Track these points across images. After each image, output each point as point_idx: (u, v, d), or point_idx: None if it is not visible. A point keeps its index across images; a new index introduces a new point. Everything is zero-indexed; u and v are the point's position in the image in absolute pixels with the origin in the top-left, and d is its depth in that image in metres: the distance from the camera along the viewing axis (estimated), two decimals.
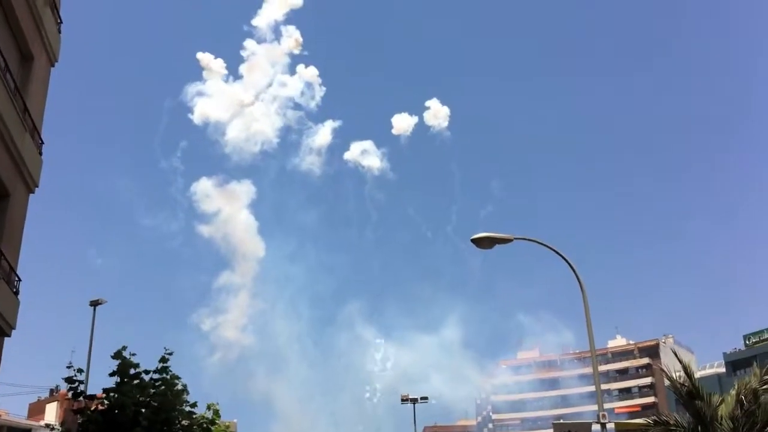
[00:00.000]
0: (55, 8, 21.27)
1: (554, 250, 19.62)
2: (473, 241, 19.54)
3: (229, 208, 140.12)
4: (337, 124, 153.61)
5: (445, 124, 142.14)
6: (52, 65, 21.57)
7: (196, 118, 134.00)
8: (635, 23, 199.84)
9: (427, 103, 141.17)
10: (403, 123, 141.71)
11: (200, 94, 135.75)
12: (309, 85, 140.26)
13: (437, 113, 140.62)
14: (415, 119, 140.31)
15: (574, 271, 19.37)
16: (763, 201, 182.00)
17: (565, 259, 19.45)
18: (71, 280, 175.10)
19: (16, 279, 18.62)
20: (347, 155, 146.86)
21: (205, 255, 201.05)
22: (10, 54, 18.21)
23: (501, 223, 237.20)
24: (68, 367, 22.99)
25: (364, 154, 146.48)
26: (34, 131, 19.72)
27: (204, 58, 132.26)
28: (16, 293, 18.35)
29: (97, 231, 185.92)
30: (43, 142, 20.53)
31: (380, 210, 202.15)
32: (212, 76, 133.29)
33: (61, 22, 21.95)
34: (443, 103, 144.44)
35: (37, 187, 20.31)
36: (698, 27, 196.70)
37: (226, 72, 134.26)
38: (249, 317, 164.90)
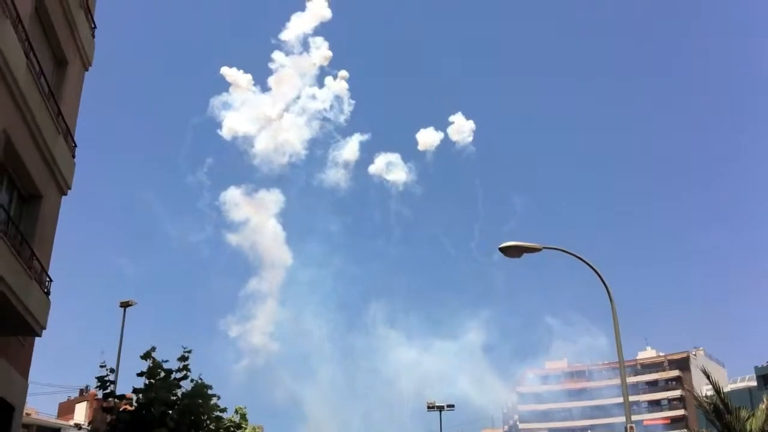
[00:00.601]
0: (89, 12, 21.53)
1: (582, 260, 19.47)
2: (501, 249, 19.42)
3: (257, 217, 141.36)
4: (364, 137, 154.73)
5: (470, 139, 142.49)
6: (86, 69, 21.84)
7: (225, 132, 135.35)
8: (657, 42, 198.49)
9: (452, 118, 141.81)
10: (428, 138, 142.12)
11: (227, 107, 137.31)
12: (338, 97, 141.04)
13: (461, 128, 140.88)
14: (440, 134, 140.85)
15: (602, 280, 19.20)
16: None
17: (593, 269, 19.28)
18: (101, 283, 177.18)
19: (48, 279, 18.83)
20: (373, 169, 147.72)
21: (233, 263, 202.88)
22: (44, 58, 18.48)
23: (525, 238, 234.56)
24: (101, 366, 23.32)
25: (390, 168, 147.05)
26: (68, 134, 19.96)
27: (229, 73, 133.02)
28: (48, 294, 18.55)
29: (125, 238, 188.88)
30: (75, 145, 20.78)
31: (405, 225, 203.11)
32: (239, 90, 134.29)
33: (95, 27, 22.21)
34: (468, 117, 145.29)
35: (70, 189, 20.55)
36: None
37: (253, 85, 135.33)
38: (276, 324, 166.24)
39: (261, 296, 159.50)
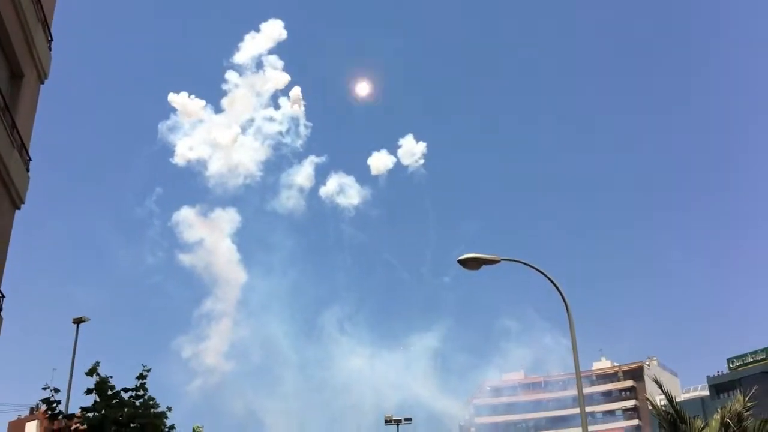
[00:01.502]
0: (46, 25, 21.27)
1: (540, 271, 19.68)
2: (460, 261, 19.50)
3: (211, 237, 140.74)
4: (319, 159, 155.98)
5: (422, 161, 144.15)
6: (42, 82, 21.55)
7: (178, 159, 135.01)
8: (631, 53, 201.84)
9: (401, 141, 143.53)
10: (380, 162, 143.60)
11: (177, 132, 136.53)
12: (293, 119, 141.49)
13: (412, 150, 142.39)
14: (392, 158, 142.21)
15: (559, 291, 19.41)
16: (743, 228, 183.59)
17: (550, 280, 19.49)
18: (53, 303, 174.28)
19: (0, 296, 18.50)
20: (326, 191, 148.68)
21: (187, 284, 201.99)
22: None
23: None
24: (44, 389, 22.75)
25: (343, 192, 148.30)
26: (22, 148, 19.67)
27: (177, 99, 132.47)
28: (0, 310, 18.23)
29: (73, 264, 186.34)
30: (30, 159, 20.48)
31: (358, 248, 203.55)
32: (188, 116, 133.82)
33: (52, 40, 21.95)
34: (418, 139, 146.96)
35: (24, 203, 20.22)
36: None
37: (204, 107, 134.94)
38: (231, 343, 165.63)
39: (215, 316, 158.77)
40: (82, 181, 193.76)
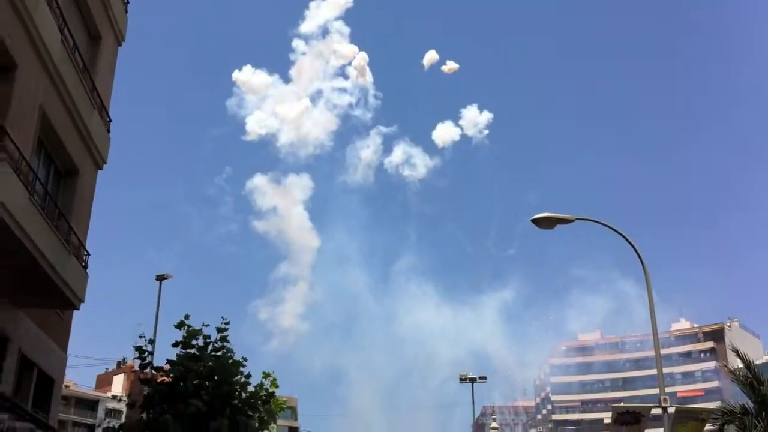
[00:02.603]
0: None
1: (615, 230, 19.32)
2: (534, 221, 19.31)
3: (284, 204, 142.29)
4: (388, 129, 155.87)
5: (486, 132, 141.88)
6: (119, 45, 21.96)
7: (249, 135, 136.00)
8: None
9: (466, 111, 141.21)
10: (446, 132, 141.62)
11: (245, 108, 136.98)
12: (361, 88, 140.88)
13: (476, 120, 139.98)
14: (458, 130, 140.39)
15: (636, 251, 19.04)
16: None
17: (625, 238, 19.13)
18: (138, 255, 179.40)
19: (85, 253, 19.09)
20: (393, 161, 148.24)
21: (262, 249, 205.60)
22: (78, 33, 18.60)
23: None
24: (140, 337, 23.69)
25: (410, 162, 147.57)
26: (102, 109, 20.13)
27: (241, 77, 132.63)
28: (85, 267, 18.81)
29: (154, 229, 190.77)
30: (110, 120, 20.97)
31: (424, 218, 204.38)
32: (254, 91, 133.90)
33: (128, 2, 22.30)
34: (482, 109, 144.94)
35: (105, 163, 20.77)
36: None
37: (270, 83, 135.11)
38: (306, 305, 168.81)
39: (291, 279, 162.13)
40: (159, 151, 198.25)
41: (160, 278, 39.34)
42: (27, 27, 14.77)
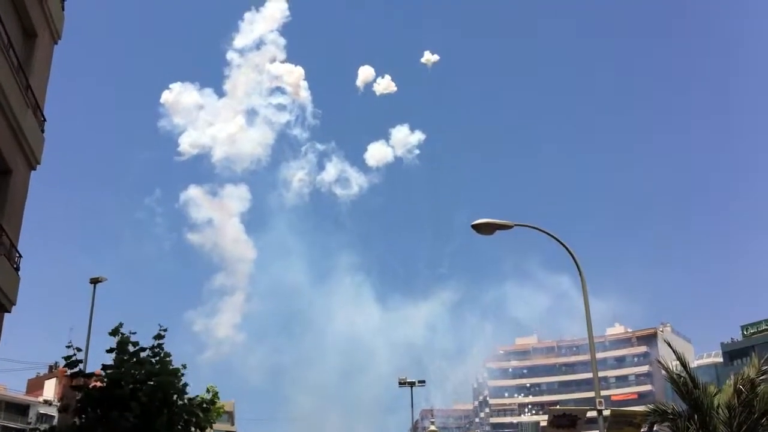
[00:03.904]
0: None
1: (554, 237, 19.59)
2: (474, 227, 19.47)
3: (219, 216, 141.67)
4: (324, 146, 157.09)
5: (417, 152, 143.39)
6: (55, 42, 21.47)
7: (183, 149, 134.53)
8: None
9: (396, 130, 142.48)
10: (378, 152, 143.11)
11: (178, 128, 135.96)
12: (297, 104, 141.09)
13: (407, 140, 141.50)
14: (390, 149, 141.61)
15: (573, 257, 19.33)
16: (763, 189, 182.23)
17: (564, 246, 19.41)
18: (71, 259, 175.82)
19: (17, 255, 18.63)
20: (326, 177, 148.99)
21: (195, 261, 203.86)
22: (13, 30, 18.12)
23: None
24: (68, 347, 23.10)
25: (344, 179, 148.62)
26: (37, 108, 19.66)
27: (170, 98, 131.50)
28: (17, 269, 18.37)
29: (88, 237, 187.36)
30: (45, 120, 20.49)
31: (357, 235, 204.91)
32: (186, 112, 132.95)
33: None
34: (413, 129, 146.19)
35: (39, 164, 20.27)
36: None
37: (204, 96, 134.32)
38: (243, 315, 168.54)
39: (227, 290, 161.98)
40: (93, 156, 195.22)
41: (94, 281, 38.60)
42: None
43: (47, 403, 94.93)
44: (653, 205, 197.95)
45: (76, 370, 22.50)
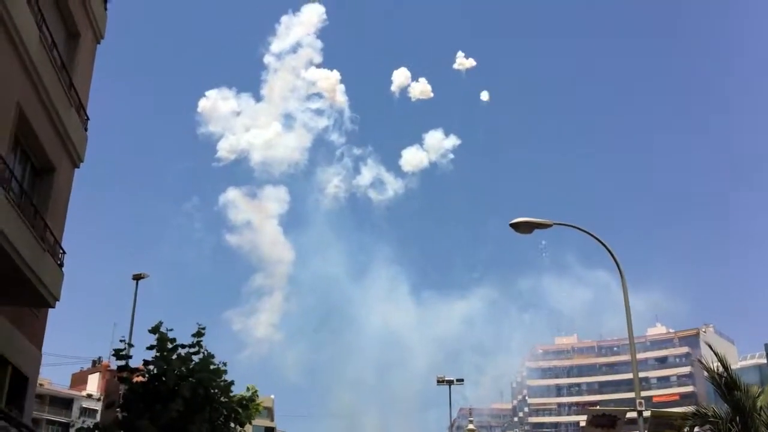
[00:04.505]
0: None
1: (595, 237, 19.44)
2: (512, 225, 19.40)
3: (258, 218, 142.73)
4: (359, 150, 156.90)
5: (451, 156, 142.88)
6: (98, 42, 21.79)
7: (221, 157, 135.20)
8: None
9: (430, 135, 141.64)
10: (413, 157, 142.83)
11: (218, 134, 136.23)
12: (334, 108, 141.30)
13: (441, 145, 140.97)
14: (425, 154, 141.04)
15: (613, 257, 19.16)
16: None
17: (605, 246, 19.25)
18: (113, 257, 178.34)
19: (61, 252, 18.92)
20: (362, 181, 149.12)
21: (236, 262, 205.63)
22: (57, 30, 18.44)
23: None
24: (121, 341, 23.56)
25: (379, 183, 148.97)
26: (80, 107, 19.97)
27: (206, 105, 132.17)
28: (61, 266, 18.65)
29: (129, 235, 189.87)
30: (88, 118, 20.80)
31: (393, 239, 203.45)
32: (225, 118, 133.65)
33: (108, 0, 22.15)
34: (447, 134, 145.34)
35: (82, 162, 20.60)
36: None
37: (239, 104, 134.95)
38: (282, 314, 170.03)
39: (266, 290, 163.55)
40: (134, 155, 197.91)
41: (137, 277, 39.13)
42: (5, 23, 14.63)
43: (90, 397, 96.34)
44: (694, 202, 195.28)
45: (123, 363, 22.90)
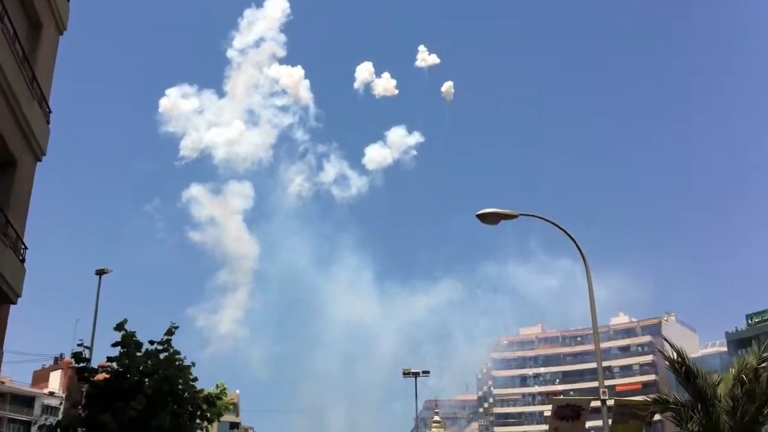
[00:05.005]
0: None
1: (559, 227, 19.62)
2: (479, 216, 19.50)
3: (221, 214, 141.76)
4: (323, 147, 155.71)
5: (414, 153, 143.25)
6: (61, 34, 21.48)
7: (185, 150, 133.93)
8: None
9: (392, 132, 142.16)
10: (376, 154, 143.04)
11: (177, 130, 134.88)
12: (298, 105, 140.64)
13: (404, 141, 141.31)
14: (388, 151, 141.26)
15: (577, 246, 19.37)
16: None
17: (569, 235, 19.43)
18: (76, 253, 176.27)
19: (23, 247, 18.69)
20: (325, 178, 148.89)
21: (199, 258, 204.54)
22: (18, 22, 18.15)
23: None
24: (79, 344, 23.25)
25: (343, 180, 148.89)
26: (42, 100, 19.70)
27: (167, 104, 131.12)
28: (23, 261, 18.43)
29: (90, 230, 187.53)
30: (50, 111, 20.52)
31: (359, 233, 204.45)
32: (185, 117, 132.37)
33: None
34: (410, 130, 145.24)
35: (44, 155, 20.32)
36: None
37: (203, 98, 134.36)
38: (246, 310, 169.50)
39: (230, 287, 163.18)
40: (95, 156, 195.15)
41: (100, 272, 38.65)
42: None
43: (53, 395, 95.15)
44: (657, 194, 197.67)
45: (82, 365, 22.65)
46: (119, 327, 22.71)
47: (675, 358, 20.83)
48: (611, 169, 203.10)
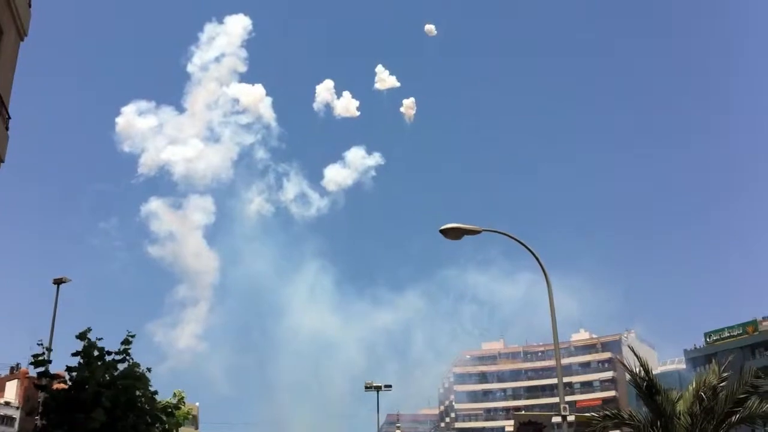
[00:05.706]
0: None
1: (522, 243, 19.70)
2: (442, 231, 19.52)
3: (181, 229, 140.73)
4: (284, 166, 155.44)
5: (373, 174, 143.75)
6: (22, 40, 21.20)
7: (143, 168, 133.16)
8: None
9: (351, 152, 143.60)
10: (336, 174, 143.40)
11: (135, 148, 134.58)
12: (259, 120, 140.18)
13: (363, 162, 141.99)
14: (348, 171, 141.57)
15: (540, 263, 19.46)
16: (733, 201, 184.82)
17: (531, 252, 19.53)
18: (32, 261, 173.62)
19: None
20: (285, 197, 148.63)
21: (158, 273, 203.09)
22: None
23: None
24: (38, 344, 22.80)
25: (303, 199, 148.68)
26: (1, 106, 19.39)
27: (122, 122, 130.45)
28: None
29: (46, 240, 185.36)
30: (9, 117, 20.20)
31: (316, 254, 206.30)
32: (142, 130, 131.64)
33: None
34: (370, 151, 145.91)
35: (3, 162, 19.99)
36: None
37: (162, 114, 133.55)
38: (206, 325, 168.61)
39: (190, 301, 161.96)
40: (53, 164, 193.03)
41: (58, 282, 38.00)
42: None
43: (8, 405, 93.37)
44: (623, 208, 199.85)
45: (42, 369, 22.23)
46: (82, 336, 22.36)
47: (638, 372, 20.94)
48: (570, 186, 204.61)
